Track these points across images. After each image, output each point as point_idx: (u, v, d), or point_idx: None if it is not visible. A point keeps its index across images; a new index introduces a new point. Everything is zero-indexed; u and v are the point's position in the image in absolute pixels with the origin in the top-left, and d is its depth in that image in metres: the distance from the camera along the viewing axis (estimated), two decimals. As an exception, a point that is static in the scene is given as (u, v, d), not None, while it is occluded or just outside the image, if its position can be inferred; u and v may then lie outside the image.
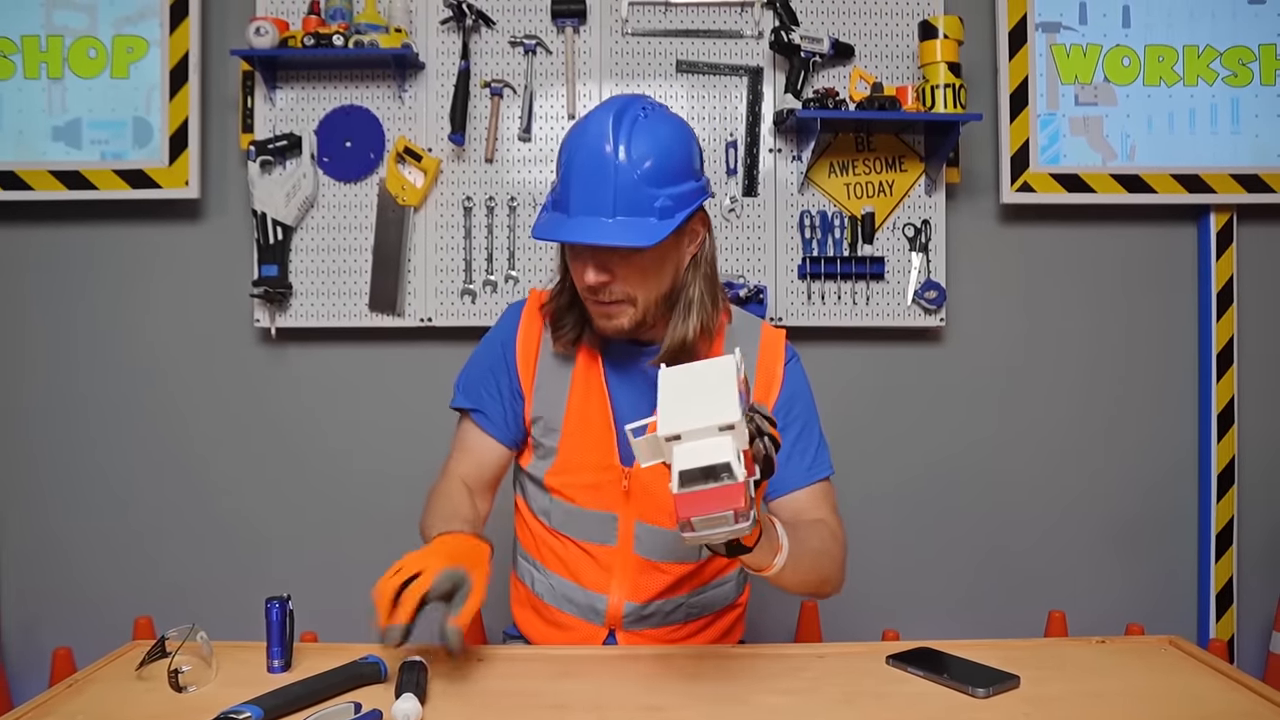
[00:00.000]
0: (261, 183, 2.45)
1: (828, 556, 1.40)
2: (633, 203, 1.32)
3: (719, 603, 1.59)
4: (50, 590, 2.60)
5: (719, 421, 1.02)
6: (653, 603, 1.51)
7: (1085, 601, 2.60)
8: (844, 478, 2.58)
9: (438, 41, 2.51)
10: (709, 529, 1.02)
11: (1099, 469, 2.67)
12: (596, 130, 1.33)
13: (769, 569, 1.23)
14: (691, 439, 1.03)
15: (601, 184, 1.31)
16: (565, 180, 1.35)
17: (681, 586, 1.53)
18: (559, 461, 1.50)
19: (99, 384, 2.59)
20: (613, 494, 1.48)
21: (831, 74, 2.54)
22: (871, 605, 2.61)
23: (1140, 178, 2.58)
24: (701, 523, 1.02)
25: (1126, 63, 2.58)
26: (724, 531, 1.03)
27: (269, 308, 2.50)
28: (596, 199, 1.31)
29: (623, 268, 1.36)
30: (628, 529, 1.49)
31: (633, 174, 1.31)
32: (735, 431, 1.03)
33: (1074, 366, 2.66)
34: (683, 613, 1.54)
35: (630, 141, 1.32)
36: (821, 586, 1.41)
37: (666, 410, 1.06)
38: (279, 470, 2.60)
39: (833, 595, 1.46)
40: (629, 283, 1.37)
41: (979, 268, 2.63)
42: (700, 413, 1.04)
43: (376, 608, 1.22)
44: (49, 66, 2.50)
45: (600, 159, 1.31)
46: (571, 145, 1.36)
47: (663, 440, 1.04)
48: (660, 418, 1.06)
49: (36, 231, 2.58)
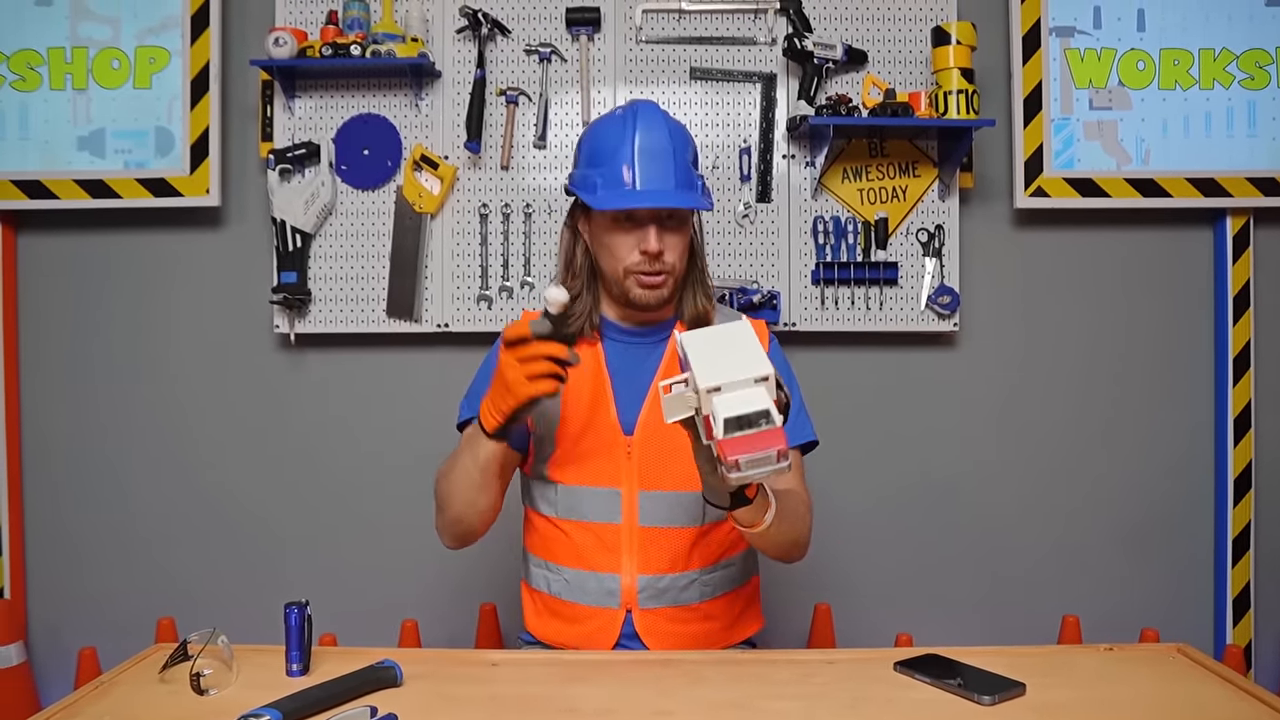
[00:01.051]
0: (280, 190, 2.48)
1: (801, 522, 1.52)
2: (688, 178, 1.54)
3: (730, 582, 1.64)
4: (75, 592, 2.65)
5: (755, 374, 1.14)
6: (665, 576, 1.56)
7: (1100, 606, 2.59)
8: (857, 481, 2.63)
9: (454, 50, 2.53)
10: (755, 469, 1.13)
11: (1113, 473, 2.66)
12: (648, 118, 1.54)
13: (760, 524, 1.35)
14: (730, 390, 1.14)
15: (665, 162, 1.50)
16: (624, 159, 1.51)
17: (691, 559, 1.57)
18: (560, 449, 1.58)
19: (121, 389, 2.63)
20: (615, 467, 1.56)
21: (844, 80, 2.54)
22: (885, 609, 2.62)
23: (1155, 182, 2.56)
24: (748, 462, 1.12)
25: (1141, 66, 2.57)
26: (767, 470, 1.14)
27: (288, 314, 2.53)
28: (661, 174, 1.50)
29: (670, 239, 1.53)
30: (632, 501, 1.55)
31: (684, 151, 1.54)
32: (769, 383, 1.14)
33: (1088, 371, 2.65)
34: (696, 590, 1.59)
35: (675, 127, 1.56)
36: (793, 549, 1.53)
37: (702, 366, 1.16)
38: (298, 474, 2.63)
39: (798, 559, 1.57)
40: (674, 253, 1.54)
41: (993, 272, 2.63)
42: (735, 367, 1.15)
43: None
44: (74, 78, 2.54)
45: (661, 141, 1.52)
46: (620, 133, 1.53)
47: (703, 392, 1.14)
48: (698, 372, 1.15)
49: (61, 239, 2.62)
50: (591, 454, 1.57)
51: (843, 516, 2.63)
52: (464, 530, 1.55)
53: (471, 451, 1.46)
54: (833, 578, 2.61)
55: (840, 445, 2.60)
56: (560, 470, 1.59)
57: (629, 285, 1.56)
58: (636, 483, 1.56)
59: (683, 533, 1.57)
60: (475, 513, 1.51)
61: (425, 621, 2.54)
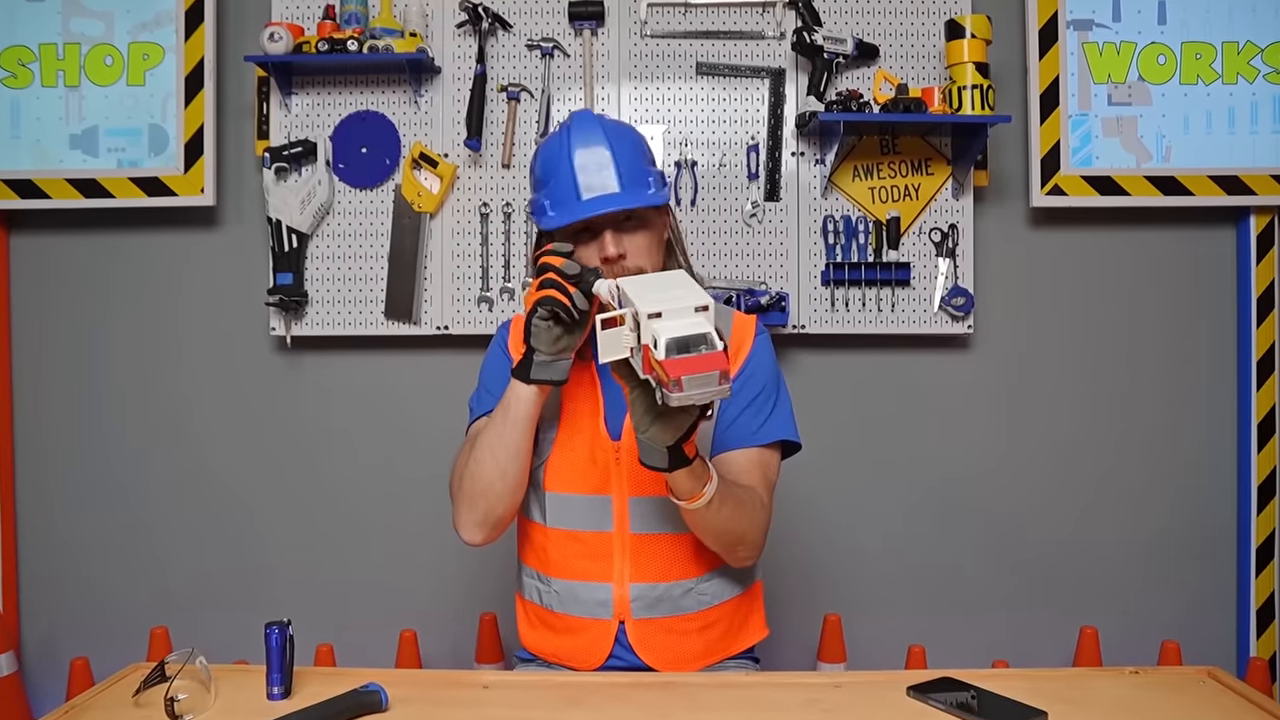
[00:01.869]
0: (276, 190, 2.43)
1: (750, 514, 1.45)
2: (634, 174, 1.48)
3: (730, 588, 1.58)
4: (68, 601, 2.60)
5: (694, 303, 1.17)
6: (659, 585, 1.51)
7: (1118, 617, 2.52)
8: (868, 488, 2.56)
9: (454, 45, 2.47)
10: (697, 388, 1.12)
11: (1133, 480, 2.58)
12: (582, 128, 1.50)
13: (698, 497, 1.33)
14: (671, 318, 1.15)
15: (604, 165, 1.46)
16: (565, 174, 1.47)
17: (687, 565, 1.52)
18: (554, 455, 1.53)
19: (115, 394, 2.59)
20: (605, 474, 1.51)
21: (855, 75, 2.47)
22: (897, 620, 2.55)
23: (1176, 179, 2.49)
24: (691, 381, 1.12)
25: (1162, 60, 2.50)
26: (710, 392, 1.13)
27: (284, 316, 2.48)
28: (603, 178, 1.46)
29: (632, 242, 1.48)
30: (622, 508, 1.51)
31: (625, 153, 1.48)
32: (708, 313, 1.16)
33: (1107, 375, 2.58)
34: (694, 599, 1.54)
35: (613, 129, 1.51)
36: (738, 544, 1.47)
37: (641, 298, 1.18)
38: (296, 479, 2.58)
39: (747, 561, 1.52)
40: (639, 255, 1.49)
41: (1008, 273, 2.56)
42: (675, 298, 1.17)
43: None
44: (66, 75, 2.49)
45: (597, 146, 1.47)
46: (558, 150, 1.49)
47: (643, 319, 1.15)
48: (638, 303, 1.17)
49: (53, 240, 2.58)
50: (580, 460, 1.53)
51: (853, 524, 2.56)
52: (490, 505, 1.46)
53: (502, 411, 1.44)
54: (842, 587, 2.55)
55: (850, 451, 2.56)
56: (550, 477, 1.55)
57: None
58: (627, 488, 1.51)
59: (676, 539, 1.52)
60: (505, 481, 1.45)
61: (424, 632, 2.49)
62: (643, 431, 1.26)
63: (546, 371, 1.39)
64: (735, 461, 1.51)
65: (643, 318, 1.16)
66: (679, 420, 1.24)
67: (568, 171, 1.46)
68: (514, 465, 1.44)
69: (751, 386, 1.54)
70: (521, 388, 1.41)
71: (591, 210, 1.45)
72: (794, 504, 2.37)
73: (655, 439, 1.26)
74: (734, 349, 1.56)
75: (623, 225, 1.48)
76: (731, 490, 1.40)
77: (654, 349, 1.13)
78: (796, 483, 2.10)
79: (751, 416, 1.53)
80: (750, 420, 1.53)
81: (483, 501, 1.47)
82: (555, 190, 1.48)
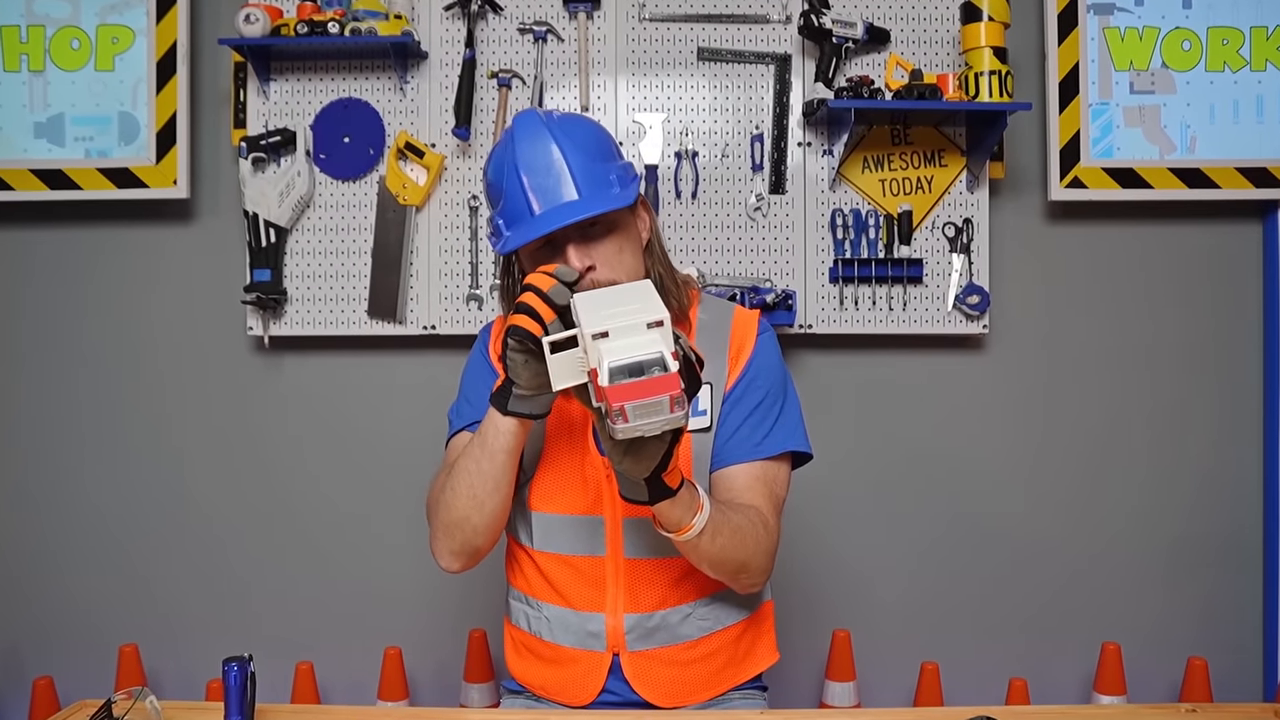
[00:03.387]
0: (253, 181, 2.30)
1: (752, 539, 1.30)
2: (592, 177, 1.33)
3: (734, 612, 1.46)
4: (34, 615, 2.46)
5: (646, 319, 1.03)
6: (657, 613, 1.39)
7: (1141, 632, 2.41)
8: (877, 496, 2.43)
9: (441, 29, 2.35)
10: (644, 418, 0.99)
11: (1155, 487, 2.47)
12: (526, 134, 1.34)
13: (687, 529, 1.20)
14: (619, 336, 1.03)
15: (557, 172, 1.32)
16: (514, 189, 1.33)
17: (685, 589, 1.40)
18: (541, 473, 1.42)
19: (82, 397, 2.45)
20: (596, 494, 1.39)
21: (865, 62, 2.35)
22: (909, 637, 2.44)
23: (1202, 172, 2.39)
24: (636, 410, 0.99)
25: (1187, 47, 2.38)
26: (659, 421, 1.00)
27: (262, 315, 2.35)
28: (558, 187, 1.31)
29: (600, 252, 1.34)
30: (615, 531, 1.39)
31: (580, 153, 1.33)
32: (663, 329, 1.03)
33: (1128, 376, 2.46)
34: (694, 625, 1.42)
35: (562, 130, 1.35)
36: (740, 572, 1.33)
37: (589, 315, 1.05)
38: (274, 489, 2.45)
39: (752, 589, 1.39)
40: (609, 266, 1.34)
41: (1025, 270, 2.45)
42: (626, 313, 1.04)
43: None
44: (30, 59, 2.36)
45: (546, 152, 1.33)
46: (504, 161, 1.35)
47: (588, 340, 1.03)
48: (583, 320, 1.04)
49: (17, 234, 2.44)
50: (569, 479, 1.40)
51: (862, 534, 2.44)
52: (467, 537, 1.34)
53: (480, 440, 1.29)
54: (852, 602, 2.43)
55: (858, 457, 2.44)
56: (536, 496, 1.42)
57: None
58: (620, 509, 1.38)
59: (674, 564, 1.38)
60: (483, 515, 1.31)
61: (409, 650, 2.37)
62: (616, 463, 1.11)
63: (525, 405, 1.24)
64: (737, 478, 1.38)
65: (587, 339, 1.03)
66: (651, 449, 1.09)
67: (516, 185, 1.32)
68: (492, 499, 1.31)
69: (754, 393, 1.40)
70: (500, 418, 1.26)
71: (547, 226, 1.29)
72: (800, 514, 2.24)
73: (630, 470, 1.11)
74: (734, 350, 1.43)
75: (589, 233, 1.33)
76: (728, 516, 1.26)
77: (599, 372, 1.01)
78: (802, 491, 1.96)
79: (754, 427, 1.39)
80: (753, 431, 1.39)
81: (459, 533, 1.34)
82: (508, 207, 1.34)
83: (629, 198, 1.34)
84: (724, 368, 1.41)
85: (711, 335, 1.43)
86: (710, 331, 1.44)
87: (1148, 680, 2.39)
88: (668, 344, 1.03)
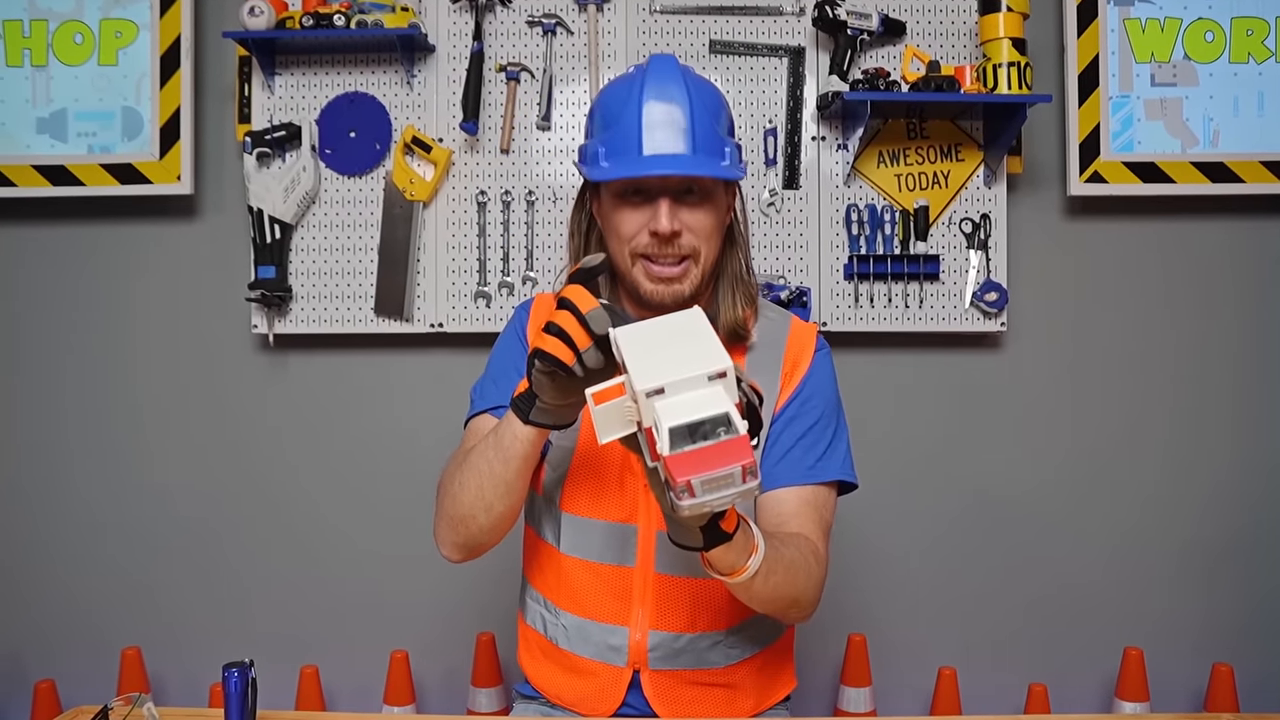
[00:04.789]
0: (258, 177, 2.27)
1: (804, 573, 1.23)
2: (709, 141, 1.28)
3: (761, 639, 1.41)
4: (35, 617, 2.43)
5: (709, 370, 0.91)
6: (684, 636, 1.34)
7: (1165, 637, 2.35)
8: (894, 497, 2.38)
9: (449, 22, 2.31)
10: (713, 492, 0.88)
11: (1178, 489, 2.41)
12: (663, 73, 1.29)
13: (741, 571, 1.10)
14: (676, 391, 0.91)
15: (677, 121, 1.26)
16: (630, 121, 1.27)
17: (716, 614, 1.34)
18: (573, 472, 1.36)
19: (84, 395, 2.42)
20: (631, 500, 1.33)
21: (880, 54, 2.31)
22: (925, 639, 2.39)
23: (1225, 165, 2.33)
24: (704, 484, 0.88)
25: (1210, 37, 2.33)
26: (730, 495, 0.89)
27: (267, 312, 2.32)
28: (674, 136, 1.26)
29: (692, 218, 1.29)
30: (648, 542, 1.33)
31: (706, 113, 1.29)
32: (727, 380, 0.91)
33: (1149, 375, 2.41)
34: (720, 653, 1.37)
35: (697, 84, 1.31)
36: (791, 607, 1.25)
37: (639, 364, 0.94)
38: (278, 489, 2.41)
39: (798, 620, 1.32)
40: (697, 236, 1.30)
41: (1044, 267, 2.40)
42: (682, 362, 0.92)
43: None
44: (33, 53, 2.33)
45: (674, 98, 1.27)
46: (627, 92, 1.30)
47: (641, 397, 0.91)
48: (634, 372, 0.93)
49: (19, 230, 2.41)
50: (606, 484, 1.34)
51: (879, 537, 2.39)
52: (471, 534, 1.28)
53: (496, 440, 1.23)
54: (867, 605, 2.38)
55: (874, 457, 2.37)
56: (570, 496, 1.36)
57: (637, 277, 1.31)
58: (655, 520, 1.32)
59: (704, 584, 1.33)
60: (490, 516, 1.26)
61: (417, 654, 2.33)
62: (668, 511, 1.01)
63: (548, 418, 1.17)
64: (786, 502, 1.31)
65: (640, 396, 0.91)
66: None
67: (634, 119, 1.26)
68: (501, 503, 1.25)
69: (808, 414, 1.35)
70: (519, 425, 1.19)
71: (651, 169, 1.25)
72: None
73: (685, 518, 1.00)
74: (789, 366, 1.36)
75: (683, 198, 1.28)
76: (781, 553, 1.17)
77: (657, 436, 0.90)
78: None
79: (807, 449, 1.33)
80: (805, 454, 1.33)
81: (463, 529, 1.29)
82: (614, 139, 1.28)
83: (738, 173, 1.30)
84: (776, 385, 1.35)
85: (765, 349, 1.36)
86: (764, 345, 1.38)
87: (1171, 687, 2.33)
88: (732, 396, 0.91)
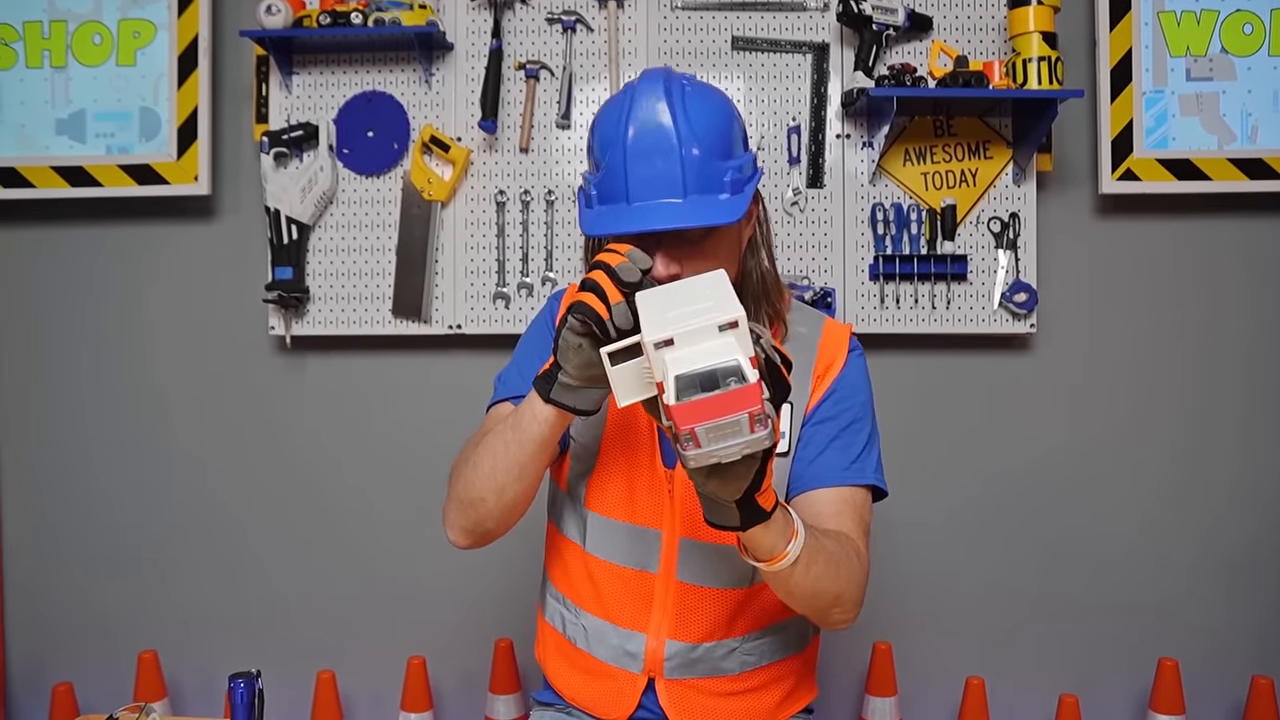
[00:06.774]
0: (275, 177, 2.25)
1: (846, 568, 1.16)
2: (703, 178, 1.18)
3: (782, 648, 1.37)
4: (56, 619, 2.43)
5: (719, 319, 0.87)
6: (701, 645, 1.31)
7: (1201, 648, 2.29)
8: (921, 502, 2.33)
9: (467, 19, 2.29)
10: (719, 441, 0.85)
11: (1214, 495, 2.34)
12: (647, 103, 1.18)
13: (781, 557, 1.05)
14: (686, 343, 0.87)
15: (666, 162, 1.16)
16: (615, 165, 1.18)
17: (735, 625, 1.31)
18: (599, 469, 1.33)
19: (102, 397, 2.41)
20: (656, 505, 1.30)
21: (906, 50, 2.26)
22: (953, 649, 2.34)
23: (1264, 162, 2.26)
24: (709, 433, 0.85)
25: (1248, 30, 2.27)
26: (739, 444, 0.86)
27: (284, 314, 2.30)
28: (662, 180, 1.16)
29: (692, 256, 1.19)
30: (671, 549, 1.30)
31: (699, 147, 1.17)
32: (738, 331, 0.87)
33: (1184, 379, 2.35)
34: (737, 660, 1.33)
35: (688, 112, 1.18)
36: (833, 606, 1.18)
37: (652, 319, 0.91)
38: (295, 492, 2.40)
39: (841, 624, 1.23)
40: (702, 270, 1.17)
41: (1075, 267, 2.34)
42: (693, 315, 0.89)
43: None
44: (52, 55, 2.33)
45: (660, 134, 1.17)
46: (614, 125, 1.19)
47: (651, 350, 0.88)
48: (645, 324, 0.91)
49: (38, 232, 2.41)
50: (632, 483, 1.31)
51: (905, 542, 2.34)
52: (479, 518, 1.24)
53: (515, 420, 1.19)
54: (893, 612, 2.33)
55: (901, 461, 2.31)
56: (597, 496, 1.32)
57: None
58: (679, 526, 1.29)
59: (726, 595, 1.30)
60: (500, 500, 1.22)
61: (434, 659, 2.31)
62: (700, 485, 0.97)
63: (570, 397, 1.12)
64: (826, 502, 1.25)
65: (649, 348, 0.88)
66: (740, 467, 0.93)
67: (619, 163, 1.17)
68: (514, 487, 1.21)
69: (843, 414, 1.30)
70: (540, 404, 1.15)
71: (637, 225, 1.16)
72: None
73: (718, 492, 0.96)
74: (821, 367, 1.31)
75: (684, 234, 1.19)
76: (822, 544, 1.11)
77: (665, 386, 0.86)
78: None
79: (842, 449, 1.28)
80: (840, 454, 1.28)
81: (472, 512, 1.24)
82: (605, 181, 1.20)
83: (735, 212, 1.18)
84: (807, 386, 1.30)
85: (797, 349, 1.30)
86: (795, 346, 1.32)
87: (1208, 700, 2.26)
88: (745, 348, 0.87)
